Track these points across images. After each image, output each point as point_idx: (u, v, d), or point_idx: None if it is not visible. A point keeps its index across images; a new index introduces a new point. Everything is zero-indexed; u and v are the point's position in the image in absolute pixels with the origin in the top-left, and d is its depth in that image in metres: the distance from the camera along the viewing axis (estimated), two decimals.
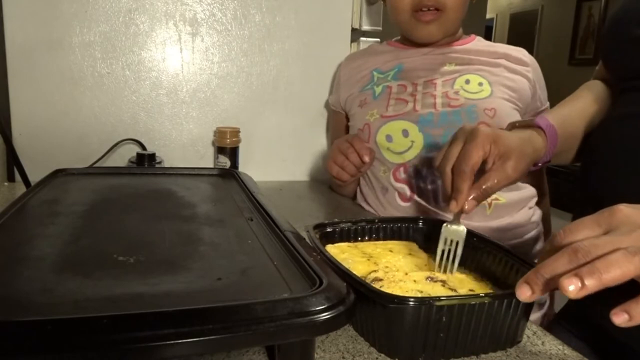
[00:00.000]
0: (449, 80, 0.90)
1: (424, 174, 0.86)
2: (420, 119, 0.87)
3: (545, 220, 0.97)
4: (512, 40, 5.31)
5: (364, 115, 0.94)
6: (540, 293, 0.38)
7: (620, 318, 0.35)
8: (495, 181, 0.59)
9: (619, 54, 0.66)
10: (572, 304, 0.73)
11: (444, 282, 0.50)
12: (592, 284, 0.35)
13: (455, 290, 0.49)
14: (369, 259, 0.56)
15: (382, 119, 0.90)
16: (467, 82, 0.89)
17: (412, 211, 0.87)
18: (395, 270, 0.54)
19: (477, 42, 0.99)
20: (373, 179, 0.94)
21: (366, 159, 0.86)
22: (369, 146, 0.89)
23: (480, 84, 0.88)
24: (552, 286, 0.38)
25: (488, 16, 4.84)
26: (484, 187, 0.58)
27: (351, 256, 0.57)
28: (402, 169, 0.88)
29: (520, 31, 5.11)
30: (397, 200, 0.89)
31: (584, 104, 0.74)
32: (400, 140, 0.88)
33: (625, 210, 0.38)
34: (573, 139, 0.72)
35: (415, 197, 0.86)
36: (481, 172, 0.61)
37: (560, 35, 4.60)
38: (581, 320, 0.66)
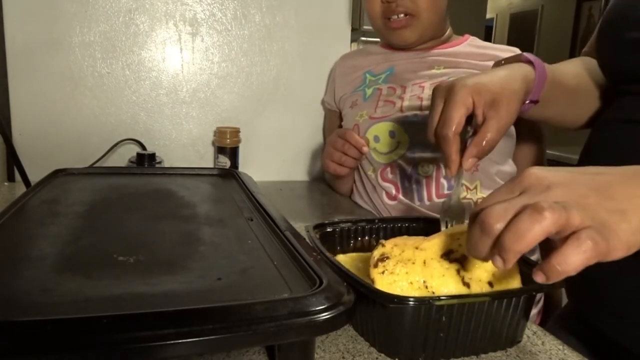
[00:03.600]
0: (436, 83, 0.91)
1: (409, 173, 0.89)
2: (406, 120, 0.89)
3: None
4: (512, 40, 5.31)
5: (354, 116, 0.96)
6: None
7: (539, 277, 0.35)
8: (494, 132, 0.55)
9: (614, 58, 0.65)
10: (570, 306, 0.73)
11: (460, 264, 0.46)
12: (512, 258, 0.35)
13: (468, 285, 0.46)
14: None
15: (371, 120, 0.92)
16: None
17: (399, 209, 0.90)
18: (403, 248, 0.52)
19: (468, 44, 0.99)
20: (364, 177, 0.96)
21: (365, 149, 0.87)
22: (361, 137, 0.90)
23: None
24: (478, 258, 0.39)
25: (488, 16, 4.84)
26: (484, 142, 0.55)
27: (362, 262, 0.56)
28: (388, 168, 0.90)
29: (520, 31, 5.11)
30: (384, 198, 0.91)
31: (576, 66, 0.74)
32: (387, 141, 0.90)
33: (536, 172, 0.37)
34: (562, 88, 0.69)
35: (400, 196, 0.89)
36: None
37: (560, 35, 4.59)
38: (579, 322, 0.66)
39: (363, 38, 1.17)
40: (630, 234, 0.36)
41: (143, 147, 1.05)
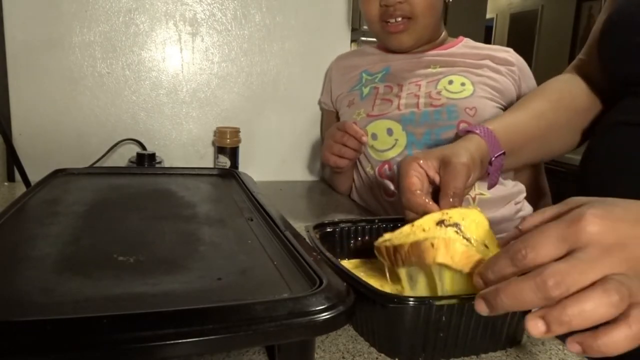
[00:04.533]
0: (433, 81, 0.93)
1: None
2: (403, 118, 0.90)
3: None
4: (512, 40, 5.31)
5: (351, 114, 0.97)
6: (498, 312, 0.35)
7: (574, 348, 0.33)
8: (452, 185, 0.53)
9: (621, 61, 0.65)
10: None
11: (457, 226, 0.46)
12: (558, 331, 0.32)
13: (469, 241, 0.45)
14: (383, 276, 0.56)
15: (368, 118, 0.93)
16: (450, 82, 0.91)
17: (397, 206, 0.90)
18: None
19: (463, 45, 1.00)
20: (363, 175, 0.97)
21: (364, 139, 0.87)
22: (360, 128, 0.90)
23: (463, 84, 0.90)
24: (514, 310, 0.35)
25: (488, 16, 4.84)
26: (450, 194, 0.53)
27: (364, 270, 0.56)
28: (386, 166, 0.91)
29: (520, 31, 5.11)
30: (382, 195, 0.92)
31: (536, 105, 0.72)
32: (385, 139, 0.91)
33: (596, 228, 0.34)
34: (525, 138, 0.68)
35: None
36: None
37: (560, 35, 4.60)
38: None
39: (363, 38, 1.17)
40: None
41: (143, 147, 1.04)
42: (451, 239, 0.44)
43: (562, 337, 0.49)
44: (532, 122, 0.70)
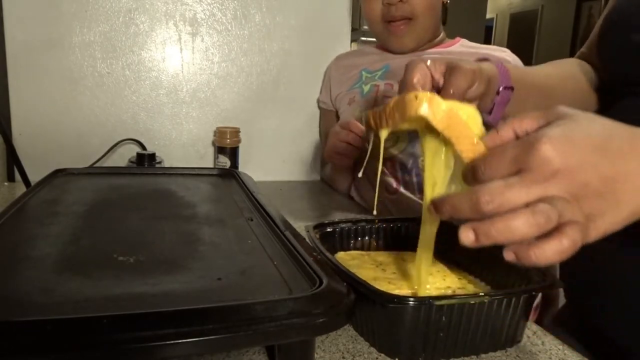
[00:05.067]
0: None
1: (409, 167, 0.90)
2: None
3: None
4: (512, 40, 5.31)
5: (352, 112, 0.98)
6: (441, 217, 0.40)
7: (509, 256, 0.36)
8: (459, 81, 0.52)
9: (620, 60, 0.65)
10: (570, 307, 0.73)
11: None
12: (486, 242, 0.36)
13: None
14: (377, 266, 0.56)
15: None
16: None
17: (399, 203, 0.91)
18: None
19: (461, 45, 1.01)
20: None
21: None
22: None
23: None
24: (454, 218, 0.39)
25: (488, 16, 4.84)
26: (450, 91, 0.52)
27: (361, 263, 0.56)
28: (389, 163, 0.92)
29: (520, 31, 5.11)
30: (384, 193, 0.93)
31: (556, 67, 0.73)
32: (387, 136, 0.90)
33: (546, 152, 0.36)
34: (535, 84, 0.68)
35: (401, 189, 0.91)
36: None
37: (560, 35, 4.60)
38: (579, 323, 0.66)
39: (363, 38, 1.18)
40: (610, 225, 0.37)
41: (143, 147, 1.05)
42: (435, 96, 0.42)
43: (562, 337, 0.49)
44: (541, 77, 0.70)
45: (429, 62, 0.54)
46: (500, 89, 0.60)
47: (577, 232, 0.35)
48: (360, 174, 0.56)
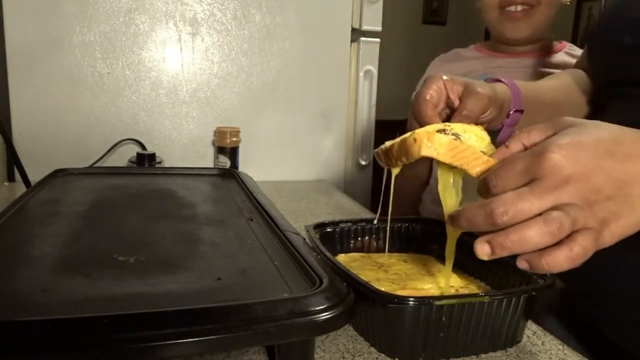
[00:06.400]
0: None
1: None
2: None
3: None
4: None
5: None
6: (457, 230, 0.41)
7: (522, 265, 0.37)
8: (472, 105, 0.53)
9: (610, 62, 0.65)
10: (568, 307, 0.73)
11: (457, 136, 0.45)
12: (502, 254, 0.36)
13: (457, 137, 0.44)
14: (379, 267, 0.56)
15: None
16: None
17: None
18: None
19: (565, 53, 0.97)
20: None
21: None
22: None
23: None
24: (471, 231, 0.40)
25: None
26: (463, 113, 0.53)
27: (362, 264, 0.56)
28: None
29: None
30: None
31: (556, 80, 0.74)
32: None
33: (557, 160, 0.36)
34: (541, 100, 0.69)
35: None
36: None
37: (560, 35, 4.59)
38: (577, 322, 0.66)
39: (363, 38, 1.17)
40: (626, 228, 0.37)
41: (143, 147, 1.04)
42: (434, 132, 0.43)
43: (561, 337, 0.49)
44: (550, 93, 0.71)
45: (447, 80, 0.55)
46: (511, 112, 0.62)
47: (588, 238, 0.35)
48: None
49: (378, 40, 1.19)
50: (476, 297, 0.43)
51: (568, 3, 0.97)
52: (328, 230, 0.60)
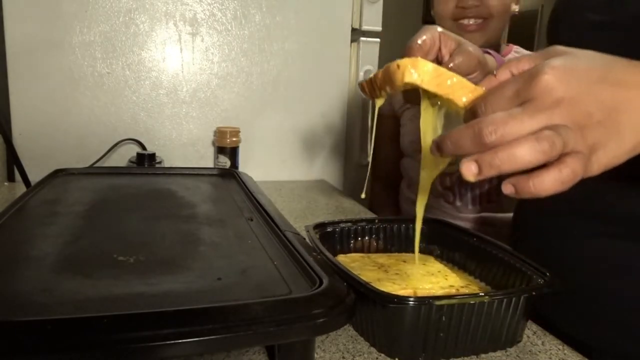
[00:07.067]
0: None
1: (466, 182, 0.98)
2: None
3: None
4: (512, 40, 5.31)
5: (416, 129, 1.05)
6: (445, 154, 0.38)
7: (508, 189, 0.35)
8: (460, 59, 0.51)
9: (575, 40, 0.64)
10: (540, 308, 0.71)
11: None
12: (489, 173, 0.35)
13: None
14: (379, 268, 0.56)
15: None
16: None
17: (453, 212, 1.02)
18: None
19: (514, 52, 1.02)
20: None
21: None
22: None
23: None
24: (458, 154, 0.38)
25: None
26: (450, 65, 0.51)
27: (362, 265, 0.56)
28: (447, 178, 1.01)
29: (520, 31, 5.11)
30: (440, 201, 1.03)
31: None
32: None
33: (549, 81, 0.35)
34: None
35: (457, 201, 1.02)
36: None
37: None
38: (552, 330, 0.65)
39: (363, 38, 1.17)
40: (613, 157, 0.36)
41: (143, 147, 1.04)
42: (419, 59, 0.41)
43: (561, 337, 0.49)
44: None
45: (442, 33, 0.53)
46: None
47: (578, 162, 0.34)
48: (363, 195, 0.57)
49: (378, 40, 1.19)
50: (476, 297, 0.43)
51: (517, 13, 1.01)
52: (328, 230, 0.60)
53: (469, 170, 0.35)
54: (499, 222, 1.00)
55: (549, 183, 0.34)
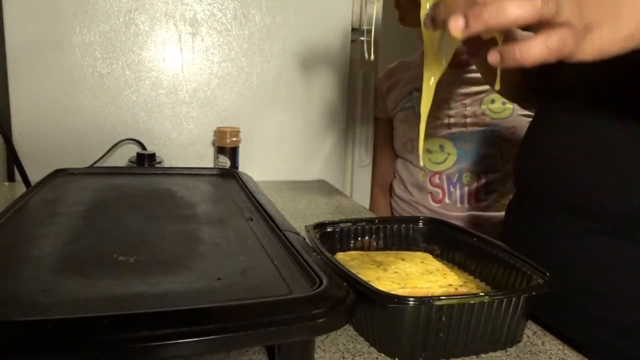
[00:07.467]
0: (477, 100, 1.03)
1: (455, 181, 1.04)
2: (454, 136, 1.04)
3: None
4: None
5: (406, 131, 1.10)
6: (438, 19, 0.37)
7: (493, 57, 0.34)
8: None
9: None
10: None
11: None
12: (476, 27, 0.33)
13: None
14: (378, 266, 0.56)
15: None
16: (493, 101, 1.02)
17: (441, 210, 1.06)
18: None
19: None
20: (411, 181, 1.11)
21: None
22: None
23: (504, 103, 1.01)
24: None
25: None
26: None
27: (361, 263, 0.56)
28: (437, 176, 1.06)
29: None
30: (429, 200, 1.07)
31: None
32: (438, 154, 1.06)
33: None
34: None
35: (446, 200, 1.05)
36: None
37: None
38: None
39: (363, 38, 1.17)
40: (608, 41, 0.35)
41: (143, 147, 1.05)
42: None
43: (561, 337, 0.49)
44: None
45: None
46: None
47: (569, 32, 0.33)
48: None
49: (378, 40, 1.19)
50: (476, 297, 0.43)
51: None
52: (328, 230, 0.60)
53: (456, 25, 0.34)
54: (488, 221, 1.00)
55: (535, 49, 0.33)
